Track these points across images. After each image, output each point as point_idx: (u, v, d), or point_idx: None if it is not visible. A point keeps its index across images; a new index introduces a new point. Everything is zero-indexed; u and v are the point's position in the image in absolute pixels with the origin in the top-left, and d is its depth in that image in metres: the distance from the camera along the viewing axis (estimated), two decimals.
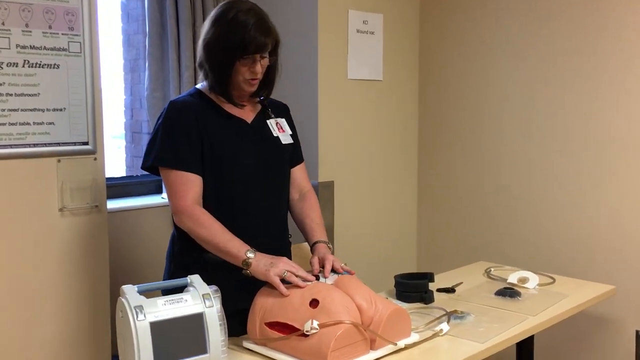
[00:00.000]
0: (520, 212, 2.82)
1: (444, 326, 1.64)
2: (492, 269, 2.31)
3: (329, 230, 2.77)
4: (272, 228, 1.75)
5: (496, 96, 2.88)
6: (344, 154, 2.87)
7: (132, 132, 3.09)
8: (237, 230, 1.60)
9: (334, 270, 1.63)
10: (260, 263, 1.54)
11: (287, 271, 1.53)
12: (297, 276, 1.53)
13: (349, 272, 1.63)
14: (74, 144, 1.98)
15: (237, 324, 1.56)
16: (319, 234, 1.76)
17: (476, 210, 2.98)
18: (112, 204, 2.47)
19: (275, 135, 1.76)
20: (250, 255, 1.55)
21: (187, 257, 1.69)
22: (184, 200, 1.60)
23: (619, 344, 2.55)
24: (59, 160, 1.95)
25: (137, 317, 1.25)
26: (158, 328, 1.27)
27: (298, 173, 1.86)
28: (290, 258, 1.80)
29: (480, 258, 2.65)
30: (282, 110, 1.84)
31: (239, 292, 1.58)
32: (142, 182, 2.80)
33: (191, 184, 1.62)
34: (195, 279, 1.40)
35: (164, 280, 1.73)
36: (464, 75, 2.99)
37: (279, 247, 1.76)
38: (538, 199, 2.76)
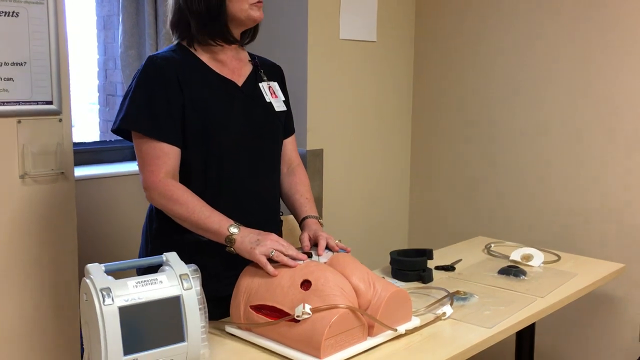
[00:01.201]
0: (520, 184, 2.71)
1: (447, 309, 1.53)
2: (492, 245, 2.21)
3: (318, 201, 2.67)
4: (264, 206, 1.61)
5: (496, 56, 2.74)
6: (334, 121, 2.75)
7: (105, 94, 2.94)
8: (225, 208, 1.46)
9: (327, 248, 1.49)
10: (245, 239, 1.41)
11: (275, 250, 1.39)
12: (286, 255, 1.39)
13: (345, 250, 1.50)
14: (37, 102, 1.81)
15: (225, 311, 1.44)
16: (309, 209, 1.63)
17: (473, 181, 2.88)
18: (82, 171, 2.30)
19: (267, 100, 1.61)
20: (234, 230, 1.41)
21: (166, 238, 1.55)
22: (155, 175, 1.45)
23: (626, 327, 2.47)
24: (19, 121, 1.78)
25: (103, 301, 1.11)
26: (128, 313, 1.13)
27: (289, 146, 1.73)
28: (282, 236, 1.69)
29: (477, 233, 2.55)
30: (275, 73, 1.69)
31: (227, 276, 1.45)
32: (115, 148, 2.63)
33: (166, 157, 1.46)
34: (171, 257, 1.25)
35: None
36: (463, 37, 2.84)
37: (272, 225, 1.63)
38: (539, 170, 2.65)
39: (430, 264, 1.87)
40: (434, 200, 3.03)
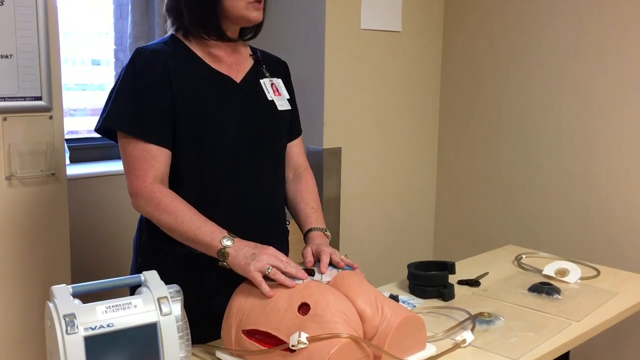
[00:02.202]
0: (556, 190, 2.54)
1: (467, 335, 1.38)
2: (524, 256, 2.05)
3: (334, 204, 2.55)
4: (266, 214, 1.49)
5: (538, 46, 2.56)
6: (353, 118, 2.62)
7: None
8: (222, 219, 1.35)
9: (332, 264, 1.35)
10: (239, 254, 1.28)
11: (272, 266, 1.26)
12: (285, 272, 1.26)
13: (351, 266, 1.36)
14: (24, 98, 1.71)
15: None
16: (314, 220, 1.49)
17: (506, 185, 2.72)
18: (75, 170, 2.22)
19: (269, 98, 1.49)
20: (227, 242, 1.29)
21: (156, 250, 1.43)
22: (141, 180, 1.33)
23: None
24: (4, 119, 1.69)
25: (66, 329, 0.99)
26: (95, 344, 1.01)
27: (295, 148, 1.60)
28: (287, 248, 1.57)
29: (509, 241, 2.38)
30: (278, 69, 1.56)
31: (224, 291, 1.33)
32: (112, 145, 2.53)
33: (154, 160, 1.34)
34: (150, 276, 1.13)
35: (131, 275, 1.46)
36: (498, 26, 2.67)
37: (274, 237, 1.50)
38: (577, 175, 2.47)
39: (453, 277, 1.74)
40: (463, 205, 2.88)
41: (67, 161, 2.34)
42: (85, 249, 2.22)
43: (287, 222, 1.59)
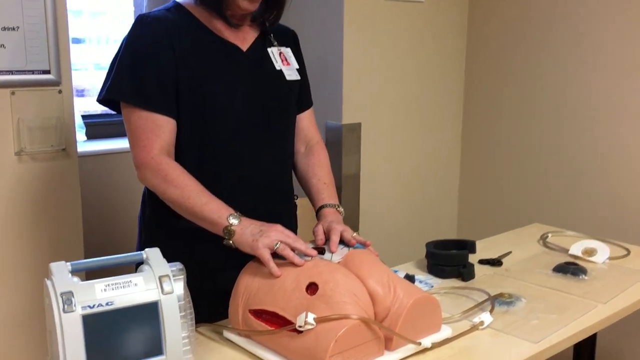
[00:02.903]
0: (584, 166, 2.45)
1: (486, 317, 1.33)
2: (550, 235, 1.99)
3: (354, 181, 2.50)
4: (273, 190, 1.45)
5: (570, 16, 2.46)
6: (374, 92, 2.55)
7: None
8: (227, 193, 1.32)
9: (343, 243, 1.31)
10: (246, 231, 1.24)
11: (281, 242, 1.22)
12: (293, 250, 1.22)
13: (363, 244, 1.31)
14: (32, 72, 1.68)
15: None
16: (326, 196, 1.45)
17: (533, 160, 2.64)
18: (90, 146, 2.20)
19: (277, 68, 1.44)
20: (234, 220, 1.26)
21: (160, 224, 1.41)
22: (147, 151, 1.30)
23: None
24: (12, 93, 1.67)
25: (63, 307, 0.97)
26: (93, 323, 0.99)
27: (305, 121, 1.56)
28: (296, 224, 1.54)
29: (535, 219, 2.31)
30: (287, 38, 1.51)
31: (232, 266, 1.30)
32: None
33: (159, 130, 1.31)
34: (152, 254, 1.10)
35: (137, 251, 1.43)
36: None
37: (282, 213, 1.47)
38: (605, 152, 2.38)
39: (474, 257, 1.69)
40: (488, 183, 2.81)
41: (84, 137, 2.35)
42: (98, 227, 2.21)
43: (295, 197, 1.55)
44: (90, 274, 1.09)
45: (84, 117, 2.38)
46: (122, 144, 2.32)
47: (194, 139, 1.35)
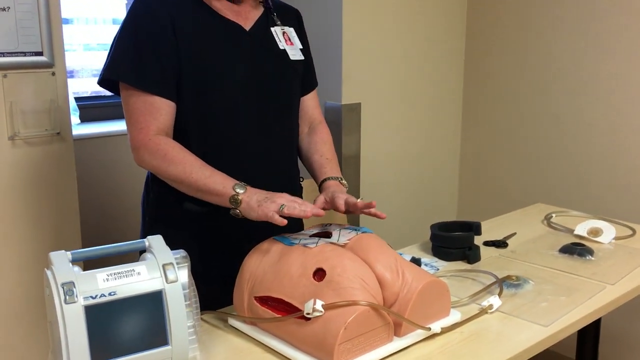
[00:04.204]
0: (588, 144, 2.43)
1: (494, 300, 1.32)
2: (554, 215, 1.98)
3: (354, 161, 2.48)
4: (278, 170, 1.44)
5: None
6: (374, 71, 2.51)
7: None
8: (231, 174, 1.29)
9: (350, 228, 1.29)
10: (252, 198, 1.23)
11: (287, 205, 1.20)
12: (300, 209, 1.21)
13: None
14: (24, 54, 1.64)
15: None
16: (329, 170, 1.45)
17: (534, 139, 2.61)
18: (85, 129, 2.17)
19: (281, 47, 1.42)
20: (240, 190, 1.25)
21: (165, 209, 1.39)
22: (144, 133, 1.28)
23: None
24: (4, 75, 1.63)
25: (64, 298, 0.94)
26: (96, 313, 0.96)
27: (310, 102, 1.55)
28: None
29: (537, 200, 2.29)
30: (290, 17, 1.49)
31: (240, 252, 1.28)
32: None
33: (157, 112, 1.29)
34: (155, 241, 1.07)
35: (140, 237, 1.44)
36: None
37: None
38: (610, 130, 2.35)
39: (479, 239, 1.68)
40: (488, 162, 2.79)
41: (78, 120, 2.31)
42: (96, 213, 2.19)
43: (301, 179, 1.54)
44: (90, 263, 1.07)
45: (76, 99, 2.34)
46: (116, 126, 2.29)
47: (197, 120, 1.34)
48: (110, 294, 0.97)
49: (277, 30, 1.43)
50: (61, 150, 1.74)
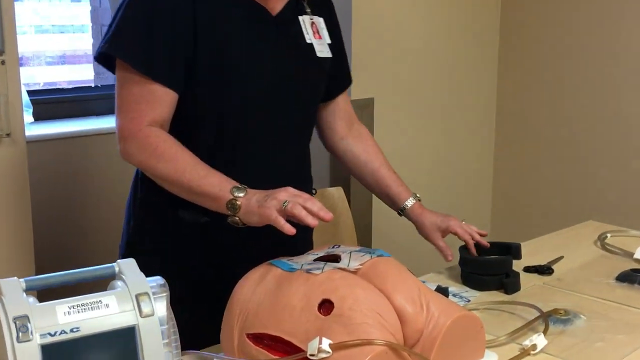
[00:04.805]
0: None
1: (539, 339, 1.32)
2: (609, 235, 2.01)
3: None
4: (293, 175, 1.51)
5: None
6: (389, 63, 2.59)
7: (99, 24, 2.82)
8: (239, 177, 1.37)
9: (362, 250, 1.29)
10: (252, 200, 1.29)
11: (290, 201, 1.24)
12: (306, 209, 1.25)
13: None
14: None
15: None
16: (404, 188, 1.72)
17: (582, 145, 2.66)
18: (39, 129, 2.21)
19: (308, 41, 1.50)
20: (239, 194, 1.30)
21: (154, 211, 1.48)
22: (136, 123, 1.35)
23: None
24: None
25: (17, 335, 0.95)
26: (55, 354, 0.96)
27: (345, 97, 1.70)
28: (311, 235, 1.64)
29: (587, 216, 2.31)
30: (322, 6, 1.58)
31: (241, 272, 1.29)
32: (86, 99, 2.49)
33: (156, 102, 1.36)
34: (126, 266, 1.08)
35: (120, 253, 1.52)
36: None
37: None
38: None
39: (518, 264, 1.69)
40: (528, 170, 2.84)
41: (31, 119, 2.33)
42: (53, 229, 2.21)
43: (314, 191, 1.63)
44: (46, 293, 1.07)
45: (29, 93, 2.36)
46: (77, 126, 2.34)
47: (210, 114, 1.41)
48: (72, 331, 0.98)
49: (305, 20, 1.51)
50: (12, 155, 1.77)
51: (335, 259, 1.29)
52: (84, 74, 2.70)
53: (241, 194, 1.29)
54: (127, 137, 1.35)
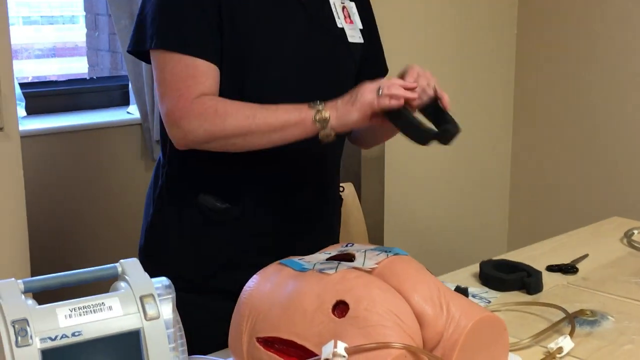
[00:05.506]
0: None
1: (565, 342, 1.32)
2: (636, 232, 2.00)
3: (377, 164, 2.55)
4: (317, 174, 1.56)
5: None
6: (401, 59, 2.51)
7: (93, 14, 2.83)
8: (262, 175, 1.47)
9: (377, 249, 1.29)
10: (338, 104, 1.34)
11: (383, 86, 1.31)
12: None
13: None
14: None
15: None
16: None
17: (605, 139, 2.66)
18: (32, 124, 2.23)
19: (339, 25, 1.51)
20: (320, 106, 1.34)
21: (176, 198, 1.52)
22: (185, 98, 1.37)
23: None
24: None
25: (16, 339, 0.95)
26: (56, 359, 0.96)
27: None
28: (339, 221, 1.67)
29: (612, 213, 2.30)
30: None
31: (262, 263, 1.30)
32: (80, 92, 2.49)
33: (202, 77, 1.39)
34: (129, 266, 1.08)
35: (140, 243, 1.57)
36: None
37: (324, 205, 1.60)
38: None
39: (541, 263, 1.72)
40: (547, 164, 2.84)
41: (24, 113, 2.34)
42: (48, 228, 2.21)
43: (341, 189, 1.65)
44: (45, 295, 1.07)
45: (21, 85, 2.37)
46: (72, 120, 2.33)
47: (235, 96, 1.41)
48: (73, 335, 0.97)
49: (336, 4, 1.51)
50: (5, 151, 1.77)
51: (349, 258, 1.28)
52: (76, 66, 2.70)
53: (321, 105, 1.33)
54: (180, 117, 1.37)
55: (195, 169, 1.50)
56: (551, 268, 1.72)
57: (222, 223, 1.50)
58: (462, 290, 1.52)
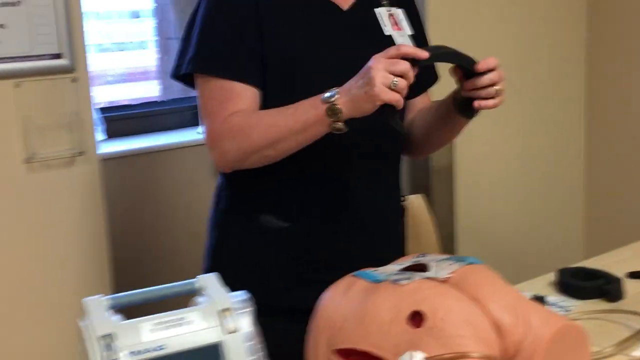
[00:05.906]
0: None
1: None
2: None
3: (446, 175, 2.53)
4: (373, 190, 1.52)
5: None
6: (467, 50, 2.52)
7: (163, 37, 2.90)
8: (309, 193, 1.45)
9: (453, 258, 1.29)
10: (350, 90, 1.29)
11: (397, 83, 1.25)
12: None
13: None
14: (39, 57, 1.74)
15: None
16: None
17: None
18: (112, 147, 2.27)
19: (386, 33, 1.50)
20: (331, 97, 1.30)
21: (237, 220, 1.51)
22: (218, 119, 1.39)
23: None
24: (16, 85, 1.73)
25: (103, 354, 0.98)
26: None
27: (424, 101, 1.63)
28: (403, 234, 1.64)
29: None
30: None
31: (326, 280, 1.30)
32: (157, 113, 2.56)
33: (238, 98, 1.40)
34: (208, 281, 1.11)
35: (205, 267, 1.57)
36: None
37: (386, 219, 1.56)
38: None
39: (621, 269, 1.67)
40: (624, 166, 2.77)
41: (104, 136, 2.41)
42: (129, 247, 2.27)
43: (403, 199, 1.61)
44: (126, 311, 1.10)
45: (102, 110, 2.45)
46: (150, 141, 2.38)
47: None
48: (157, 349, 1.00)
49: (382, 12, 1.50)
50: (85, 173, 1.84)
51: (423, 268, 1.27)
52: (147, 90, 2.77)
53: (333, 96, 1.29)
54: (214, 140, 1.40)
55: (253, 190, 1.50)
56: (633, 275, 1.67)
57: (283, 242, 1.49)
58: (540, 299, 1.50)
